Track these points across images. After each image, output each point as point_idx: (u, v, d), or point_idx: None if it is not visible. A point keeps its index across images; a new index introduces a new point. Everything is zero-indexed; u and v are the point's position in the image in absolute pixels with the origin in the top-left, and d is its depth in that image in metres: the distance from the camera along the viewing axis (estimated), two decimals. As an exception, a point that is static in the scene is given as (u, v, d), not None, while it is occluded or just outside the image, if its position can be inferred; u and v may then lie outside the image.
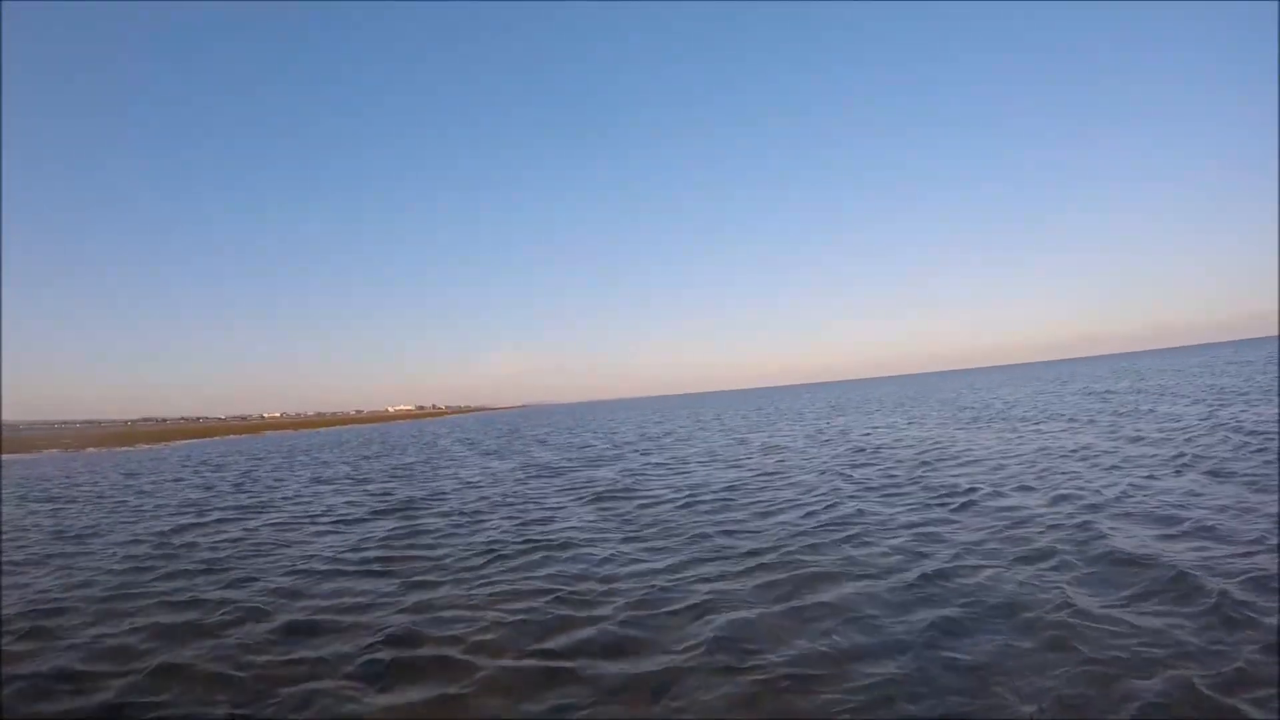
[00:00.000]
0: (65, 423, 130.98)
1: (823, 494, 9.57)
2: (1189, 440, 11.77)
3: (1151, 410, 18.05)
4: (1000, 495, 8.48)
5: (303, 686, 4.12)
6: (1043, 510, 7.43)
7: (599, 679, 3.99)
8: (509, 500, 11.34)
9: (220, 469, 23.90)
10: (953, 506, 8.01)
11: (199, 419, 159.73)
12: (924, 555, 6.01)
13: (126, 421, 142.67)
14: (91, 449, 56.64)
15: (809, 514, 8.22)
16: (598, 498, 10.77)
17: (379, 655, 4.53)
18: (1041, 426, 16.73)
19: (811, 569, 5.83)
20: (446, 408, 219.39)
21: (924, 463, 12.04)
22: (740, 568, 6.05)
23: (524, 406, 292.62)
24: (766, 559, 6.26)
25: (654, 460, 16.22)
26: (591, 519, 9.06)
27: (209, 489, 16.50)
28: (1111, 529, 6.34)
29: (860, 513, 8.03)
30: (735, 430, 25.37)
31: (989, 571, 5.38)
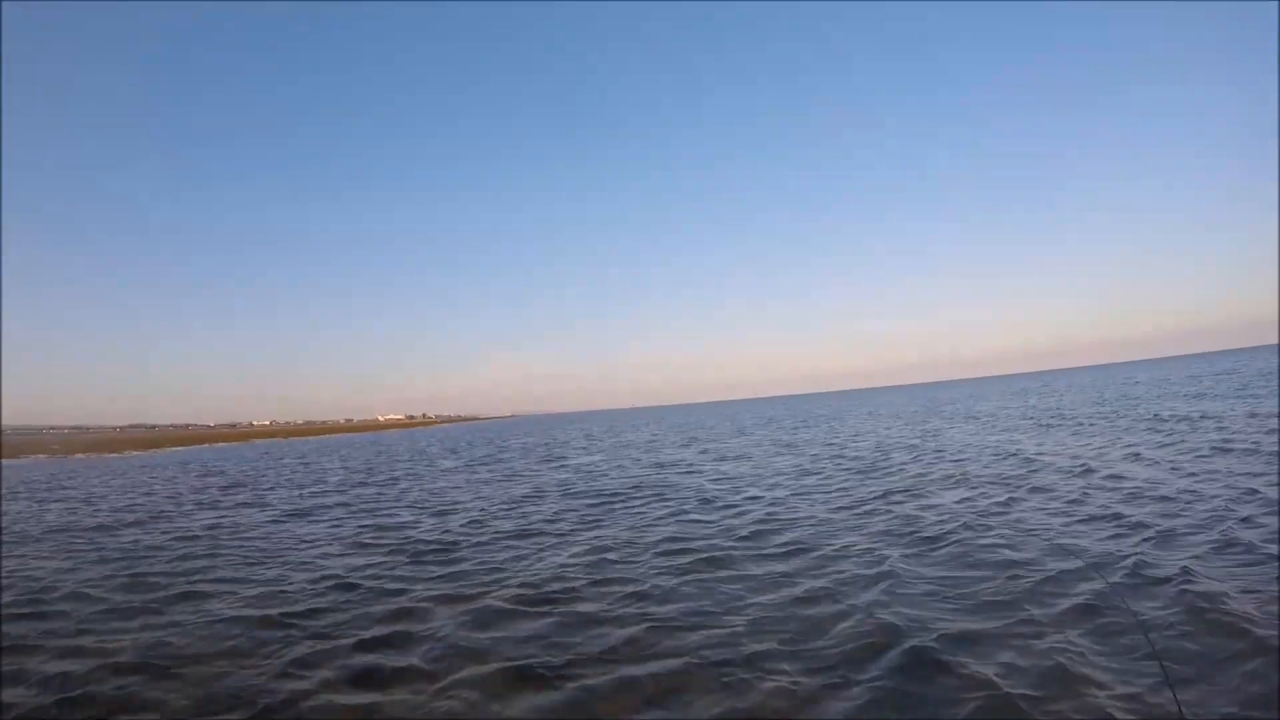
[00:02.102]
0: (53, 428, 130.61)
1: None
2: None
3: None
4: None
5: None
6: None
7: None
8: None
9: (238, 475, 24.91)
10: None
11: (188, 426, 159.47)
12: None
13: (116, 428, 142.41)
14: (79, 455, 56.98)
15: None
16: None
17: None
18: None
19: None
20: (436, 417, 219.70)
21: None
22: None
23: (513, 416, 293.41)
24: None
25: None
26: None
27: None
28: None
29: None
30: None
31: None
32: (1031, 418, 25.01)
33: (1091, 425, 19.62)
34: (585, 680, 4.27)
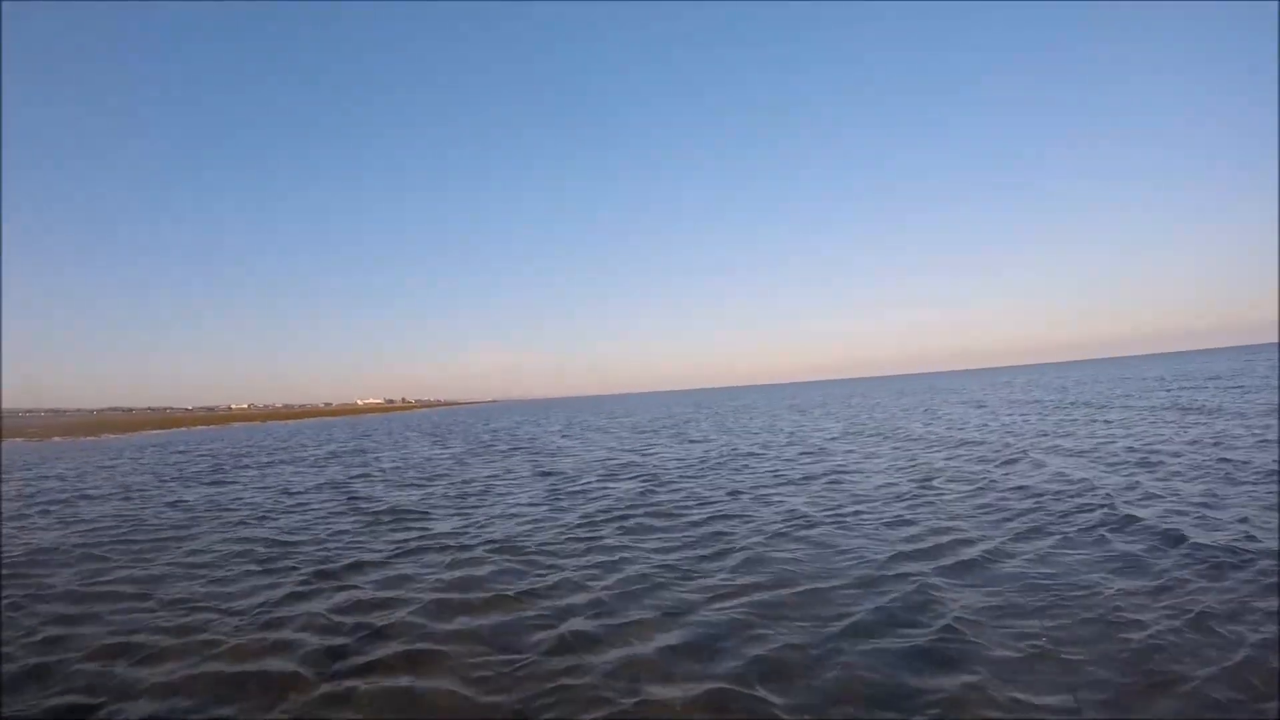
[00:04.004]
0: (30, 411, 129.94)
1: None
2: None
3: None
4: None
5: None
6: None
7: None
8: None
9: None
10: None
11: (165, 409, 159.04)
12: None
13: (92, 411, 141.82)
14: (57, 438, 57.59)
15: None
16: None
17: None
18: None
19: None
20: (416, 401, 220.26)
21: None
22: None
23: (494, 401, 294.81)
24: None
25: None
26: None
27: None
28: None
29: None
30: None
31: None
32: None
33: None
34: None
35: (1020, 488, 9.36)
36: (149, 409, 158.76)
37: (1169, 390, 28.68)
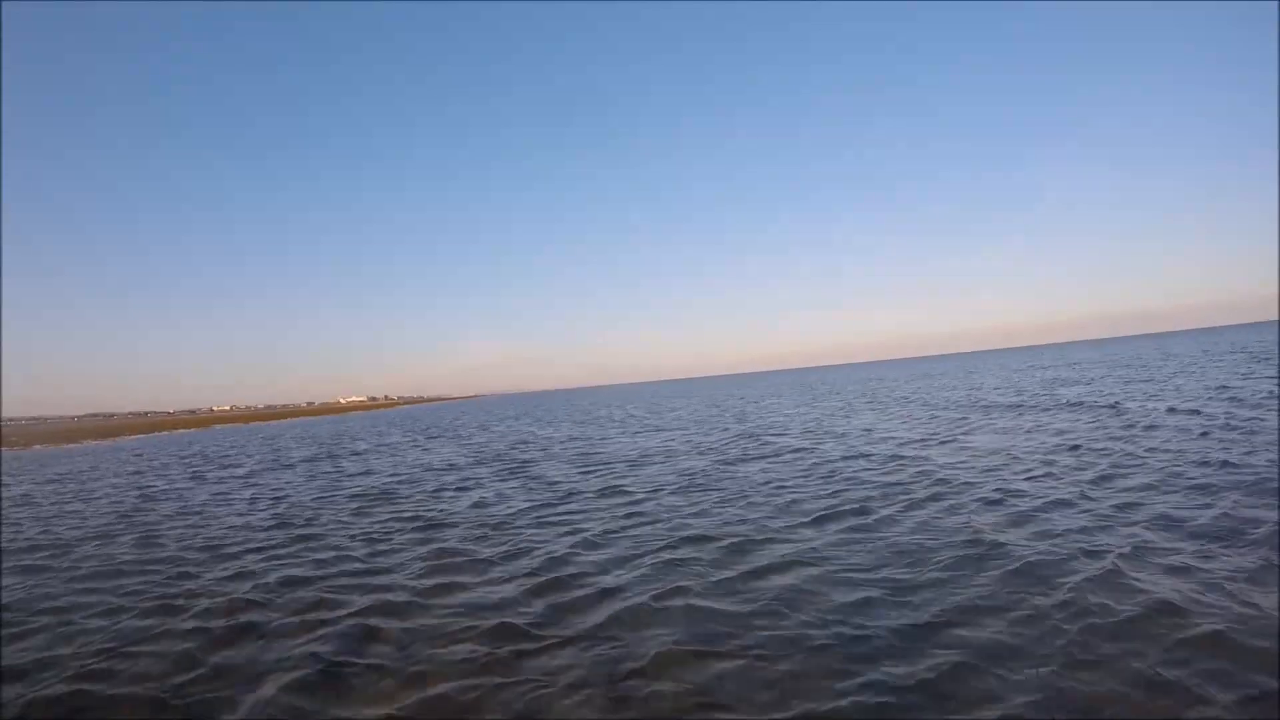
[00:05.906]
0: (11, 420, 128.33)
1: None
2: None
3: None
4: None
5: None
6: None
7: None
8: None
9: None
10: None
11: (146, 414, 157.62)
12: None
13: (73, 417, 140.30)
14: (38, 446, 57.33)
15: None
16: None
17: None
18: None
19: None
20: (399, 399, 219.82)
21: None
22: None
23: (476, 396, 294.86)
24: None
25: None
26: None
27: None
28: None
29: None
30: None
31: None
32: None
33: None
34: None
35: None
36: (130, 413, 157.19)
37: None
